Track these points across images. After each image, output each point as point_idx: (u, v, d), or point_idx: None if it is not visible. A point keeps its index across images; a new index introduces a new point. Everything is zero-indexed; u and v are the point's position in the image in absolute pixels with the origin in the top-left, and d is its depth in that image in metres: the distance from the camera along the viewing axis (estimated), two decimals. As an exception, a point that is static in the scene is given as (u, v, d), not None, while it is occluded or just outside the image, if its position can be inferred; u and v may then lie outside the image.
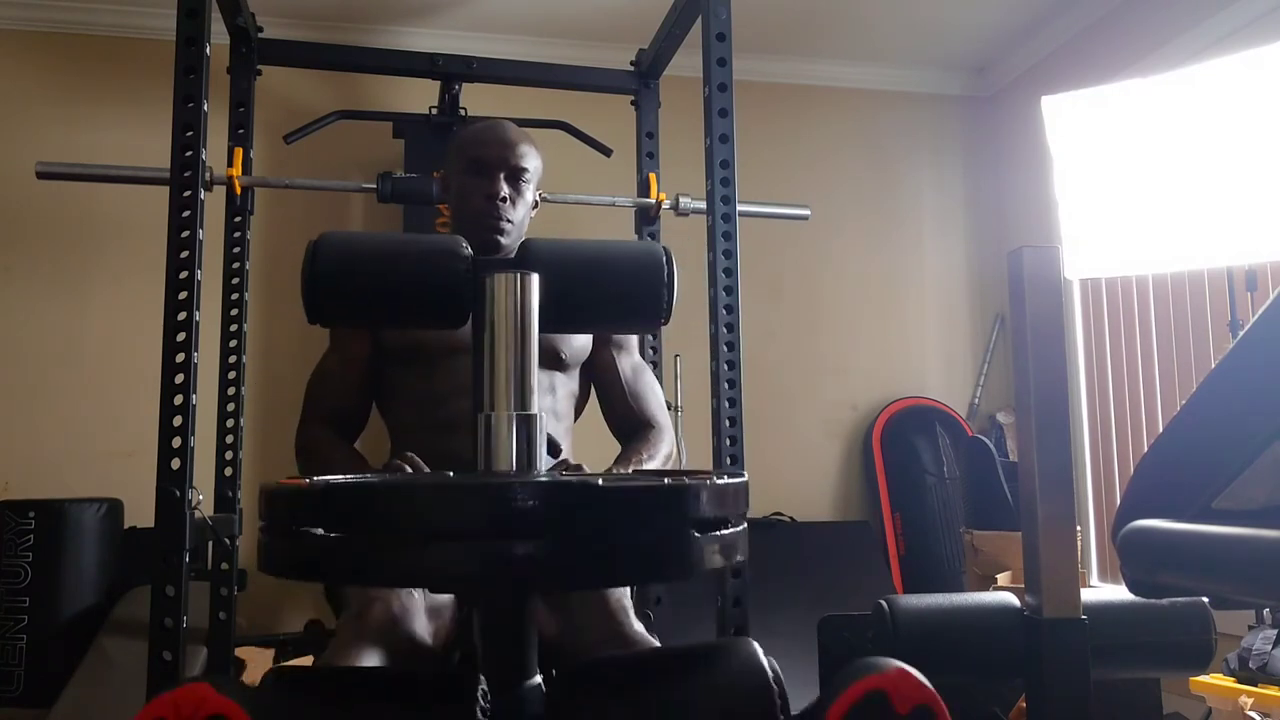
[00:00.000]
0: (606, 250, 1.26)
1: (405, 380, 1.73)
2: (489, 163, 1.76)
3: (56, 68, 3.52)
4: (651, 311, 1.23)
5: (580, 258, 1.21)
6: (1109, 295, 3.50)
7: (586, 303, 1.21)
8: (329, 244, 1.18)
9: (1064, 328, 1.10)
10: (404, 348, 1.71)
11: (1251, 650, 2.30)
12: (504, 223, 1.76)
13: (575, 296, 1.18)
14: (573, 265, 1.20)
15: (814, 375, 3.94)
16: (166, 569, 1.84)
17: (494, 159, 1.76)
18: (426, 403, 1.70)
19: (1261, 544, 0.84)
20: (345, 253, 1.18)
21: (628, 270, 1.23)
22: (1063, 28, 3.68)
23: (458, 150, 1.82)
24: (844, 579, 3.45)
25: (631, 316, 1.30)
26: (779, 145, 3.97)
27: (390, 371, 1.76)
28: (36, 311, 3.42)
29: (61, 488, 3.15)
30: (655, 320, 1.23)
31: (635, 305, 1.23)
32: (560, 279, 1.14)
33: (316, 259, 1.15)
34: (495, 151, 1.77)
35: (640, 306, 1.23)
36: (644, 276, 1.22)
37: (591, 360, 1.86)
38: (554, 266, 1.15)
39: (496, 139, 1.78)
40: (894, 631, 1.12)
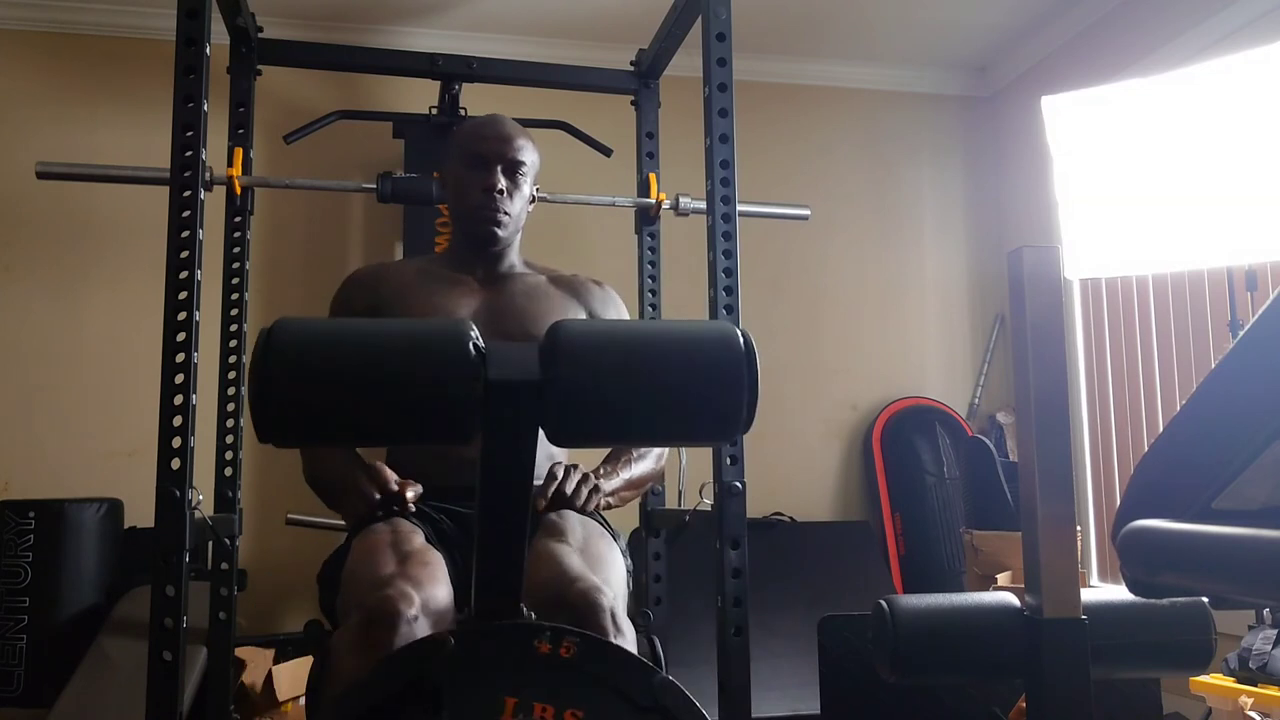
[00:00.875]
0: (659, 341, 0.92)
1: None
2: (486, 156, 1.77)
3: (56, 68, 3.52)
4: (723, 427, 0.93)
5: (622, 358, 0.88)
6: (1109, 295, 3.50)
7: (630, 421, 0.90)
8: (288, 335, 0.87)
9: (1064, 328, 1.10)
10: None
11: (1251, 650, 2.30)
12: (501, 215, 1.78)
13: (614, 414, 0.88)
14: (614, 373, 0.87)
15: (814, 375, 3.94)
16: (166, 569, 1.84)
17: (491, 152, 1.77)
18: None
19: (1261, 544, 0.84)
20: (312, 351, 0.86)
21: (691, 374, 0.90)
22: (1063, 28, 3.68)
23: (456, 144, 1.82)
24: (844, 579, 3.46)
25: (693, 433, 0.99)
26: (779, 145, 3.97)
27: None
28: (36, 311, 3.42)
29: (61, 488, 3.15)
30: (729, 436, 0.95)
31: (698, 420, 0.92)
32: (595, 391, 0.86)
33: (270, 356, 0.84)
34: (493, 145, 1.78)
35: (706, 422, 0.92)
36: (714, 380, 0.90)
37: None
38: (587, 374, 0.85)
39: (494, 133, 1.79)
40: (894, 631, 1.12)
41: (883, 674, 1.15)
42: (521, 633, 0.97)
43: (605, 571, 1.50)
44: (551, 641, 0.95)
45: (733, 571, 2.02)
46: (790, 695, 2.80)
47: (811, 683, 2.07)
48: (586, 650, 0.89)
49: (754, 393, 0.91)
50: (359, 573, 1.44)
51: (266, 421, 0.85)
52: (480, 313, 1.74)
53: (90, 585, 2.98)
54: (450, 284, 1.78)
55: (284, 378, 0.85)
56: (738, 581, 2.02)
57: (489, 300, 1.78)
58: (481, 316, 1.73)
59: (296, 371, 0.85)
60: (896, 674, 1.13)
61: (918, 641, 1.12)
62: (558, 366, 0.84)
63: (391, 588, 1.32)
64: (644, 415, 0.89)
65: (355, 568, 1.47)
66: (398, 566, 1.41)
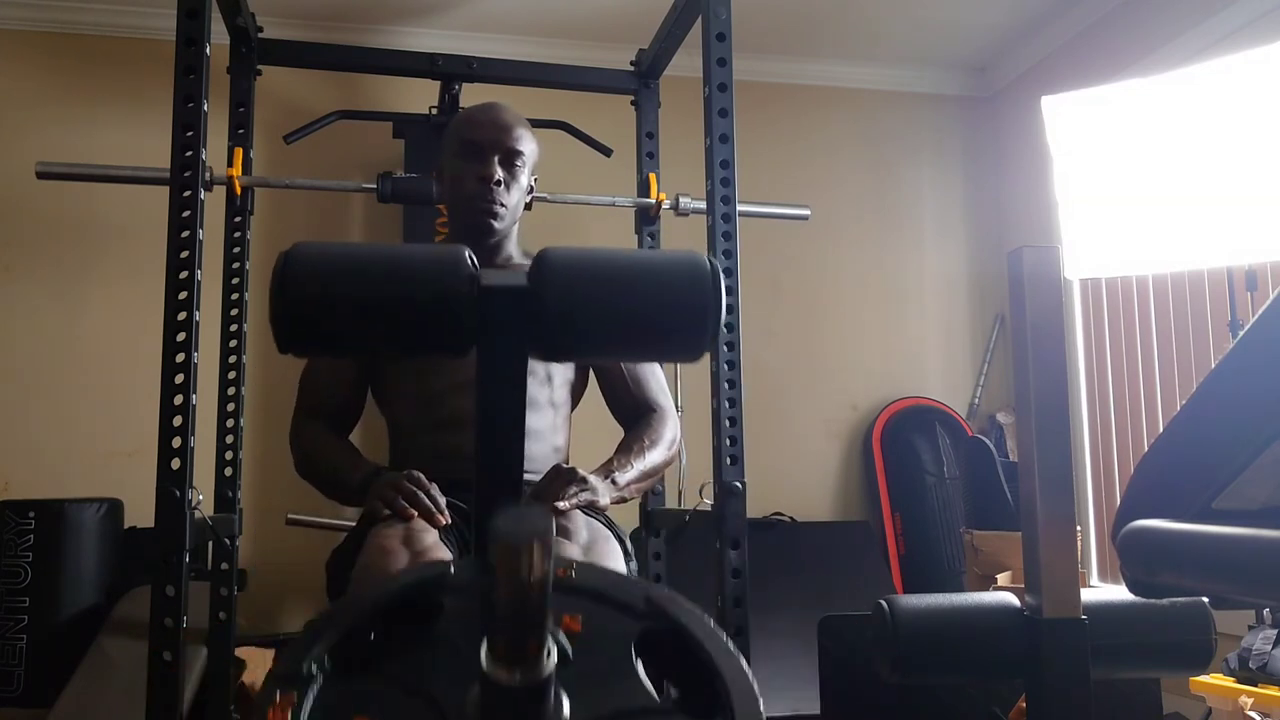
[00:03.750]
0: (636, 263, 1.06)
1: (401, 378, 1.72)
2: (483, 145, 1.73)
3: (56, 68, 3.52)
4: (690, 340, 1.03)
5: (603, 273, 1.02)
6: (1109, 295, 3.50)
7: (609, 330, 1.02)
8: (303, 258, 0.99)
9: (1064, 328, 1.10)
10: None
11: (1251, 650, 2.30)
12: (497, 206, 1.74)
13: (595, 323, 1.01)
14: (594, 283, 1.01)
15: (814, 375, 3.94)
16: (166, 569, 1.84)
17: (488, 141, 1.73)
18: (424, 401, 1.68)
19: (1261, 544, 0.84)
20: (324, 268, 0.99)
21: (662, 290, 1.02)
22: (1063, 28, 3.68)
23: (452, 132, 1.79)
24: (844, 579, 3.46)
25: (664, 346, 1.11)
26: (779, 145, 3.97)
27: (385, 368, 1.74)
28: (36, 311, 3.42)
29: (61, 488, 3.15)
30: (695, 351, 1.05)
31: (669, 333, 1.03)
32: (578, 300, 0.98)
33: (287, 276, 0.96)
34: (489, 134, 1.74)
35: (676, 335, 1.03)
36: (682, 297, 1.02)
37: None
38: (570, 284, 0.98)
39: (490, 121, 1.75)
40: (894, 631, 1.12)
41: (883, 674, 1.15)
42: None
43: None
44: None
45: (733, 571, 2.02)
46: (790, 695, 2.79)
47: (811, 683, 2.07)
48: (584, 572, 0.95)
49: (718, 312, 1.01)
50: (372, 569, 1.44)
51: (285, 334, 0.96)
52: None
53: (90, 585, 2.98)
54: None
55: (300, 293, 0.95)
56: (738, 581, 2.02)
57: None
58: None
59: (311, 288, 0.95)
60: (896, 674, 1.13)
61: (918, 641, 1.12)
62: (543, 278, 0.94)
63: None
64: (621, 326, 1.01)
65: (368, 563, 1.46)
66: (410, 565, 1.41)
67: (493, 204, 1.73)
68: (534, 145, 1.82)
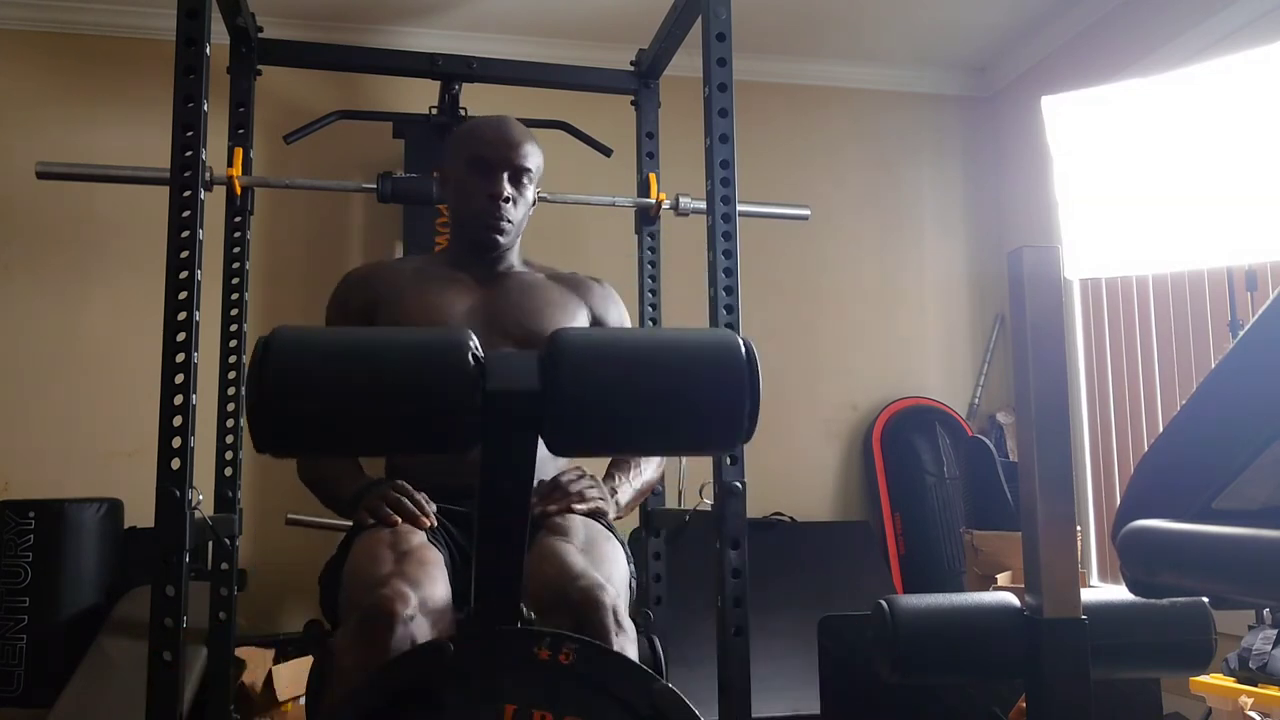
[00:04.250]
0: (660, 351, 0.91)
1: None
2: (492, 162, 1.74)
3: (56, 68, 3.52)
4: (725, 435, 0.92)
5: (623, 368, 0.87)
6: (1109, 295, 3.50)
7: (630, 430, 0.89)
8: (286, 348, 0.85)
9: (1064, 328, 1.10)
10: None
11: (1251, 650, 2.30)
12: (504, 223, 1.75)
13: (615, 422, 0.87)
14: (614, 381, 0.86)
15: (814, 375, 3.94)
16: (166, 569, 1.84)
17: (497, 159, 1.74)
18: None
19: (1261, 544, 0.84)
20: (310, 363, 0.85)
21: (690, 381, 0.90)
22: (1063, 28, 3.68)
23: (460, 145, 1.78)
24: (844, 579, 3.46)
25: (695, 442, 0.99)
26: (779, 145, 3.97)
27: None
28: (36, 311, 3.42)
29: (61, 488, 3.15)
30: (730, 445, 0.95)
31: (700, 429, 0.91)
32: (595, 401, 0.85)
33: (268, 370, 0.83)
34: (499, 151, 1.74)
35: (708, 430, 0.91)
36: (714, 388, 0.90)
37: None
38: (586, 382, 0.85)
39: (501, 138, 1.75)
40: (894, 631, 1.12)
41: (883, 674, 1.15)
42: (521, 639, 0.96)
43: (608, 569, 1.50)
44: (551, 648, 0.95)
45: (733, 571, 2.02)
46: (790, 695, 2.80)
47: (811, 683, 2.07)
48: (586, 656, 0.89)
49: (755, 401, 0.90)
50: (357, 573, 1.44)
51: (264, 432, 0.85)
52: (478, 311, 1.73)
53: (90, 585, 2.98)
54: (447, 282, 1.76)
55: (282, 388, 0.84)
56: (738, 581, 2.02)
57: (486, 298, 1.76)
58: (479, 315, 1.71)
59: (295, 381, 0.84)
60: (896, 674, 1.13)
61: (918, 641, 1.12)
62: (558, 377, 0.83)
63: (388, 587, 1.32)
64: (645, 426, 0.89)
65: (354, 567, 1.47)
66: (395, 566, 1.41)
67: (500, 220, 1.74)
68: (540, 159, 1.82)
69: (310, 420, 0.85)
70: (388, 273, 1.81)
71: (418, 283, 1.76)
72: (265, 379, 0.83)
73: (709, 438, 0.92)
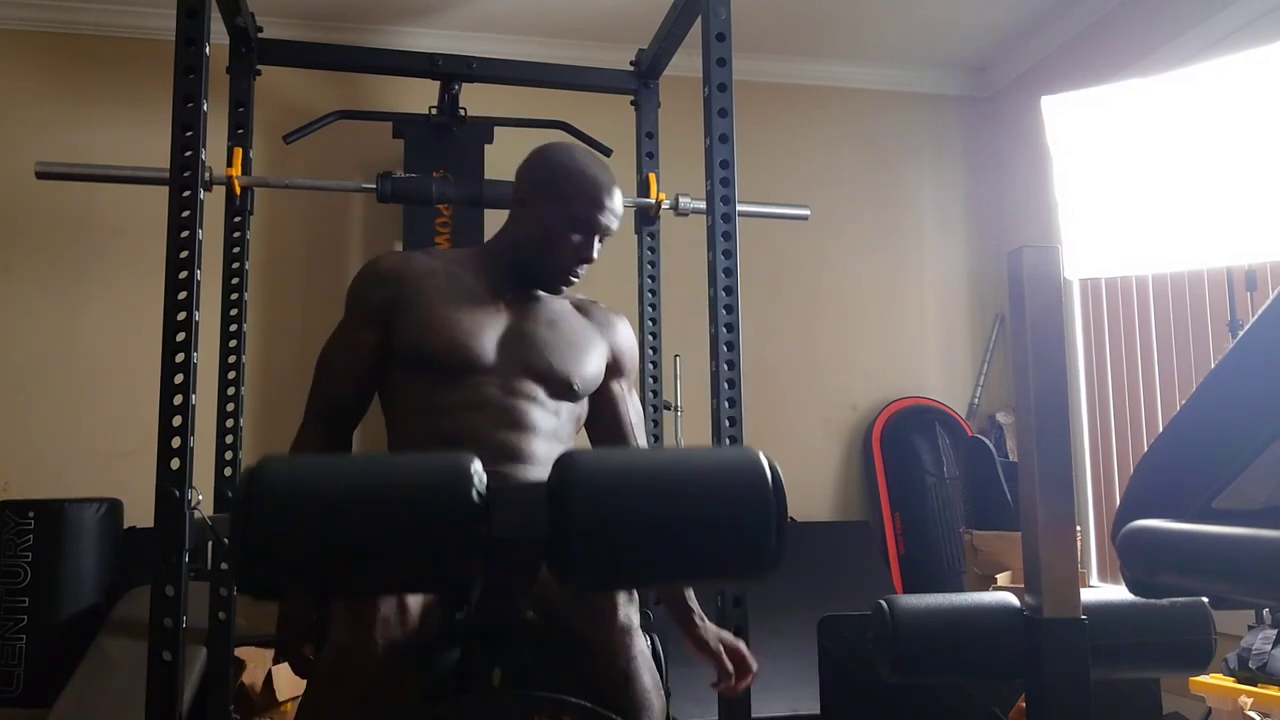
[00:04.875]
0: (680, 478, 0.85)
1: (409, 386, 1.67)
2: (596, 228, 1.69)
3: (56, 68, 3.52)
4: (748, 564, 0.85)
5: (638, 496, 0.81)
6: (1109, 295, 3.50)
7: (644, 563, 0.83)
8: (276, 482, 0.79)
9: (1064, 328, 1.10)
10: (414, 357, 1.64)
11: (1251, 650, 2.30)
12: (576, 279, 1.74)
13: (629, 561, 0.82)
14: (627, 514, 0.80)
15: (814, 375, 3.94)
16: (166, 569, 1.84)
17: (602, 226, 1.69)
18: (429, 413, 1.64)
19: (1261, 544, 0.84)
20: (302, 500, 0.79)
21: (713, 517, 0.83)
22: (1063, 28, 3.68)
23: (564, 189, 1.68)
24: (844, 579, 3.45)
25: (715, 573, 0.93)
26: (779, 145, 3.97)
27: (396, 372, 1.70)
28: (36, 311, 3.42)
29: (61, 488, 3.15)
30: (754, 575, 0.89)
31: (721, 558, 0.85)
32: (606, 533, 0.80)
33: (255, 506, 0.77)
34: (607, 220, 1.69)
35: (730, 560, 0.85)
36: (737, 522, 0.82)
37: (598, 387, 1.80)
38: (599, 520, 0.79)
39: (612, 207, 1.69)
40: (894, 631, 1.12)
41: (883, 674, 1.14)
42: (520, 705, 0.94)
43: None
44: (552, 715, 0.93)
45: (733, 572, 2.02)
46: (790, 695, 2.79)
47: (811, 683, 2.07)
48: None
49: (782, 528, 0.84)
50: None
51: (250, 575, 0.79)
52: (506, 341, 1.67)
53: (90, 585, 2.98)
54: (480, 301, 1.69)
55: (270, 530, 0.78)
56: (738, 582, 2.02)
57: (516, 326, 1.70)
58: (507, 346, 1.66)
59: (283, 524, 0.78)
60: (896, 674, 1.13)
61: (918, 641, 1.12)
62: (568, 523, 0.79)
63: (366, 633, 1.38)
64: (662, 564, 0.85)
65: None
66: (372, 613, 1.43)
67: (576, 278, 1.73)
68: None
69: (300, 565, 0.79)
70: (415, 271, 1.72)
71: (448, 292, 1.69)
72: (251, 519, 0.78)
73: (732, 570, 0.88)
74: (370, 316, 1.68)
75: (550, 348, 1.68)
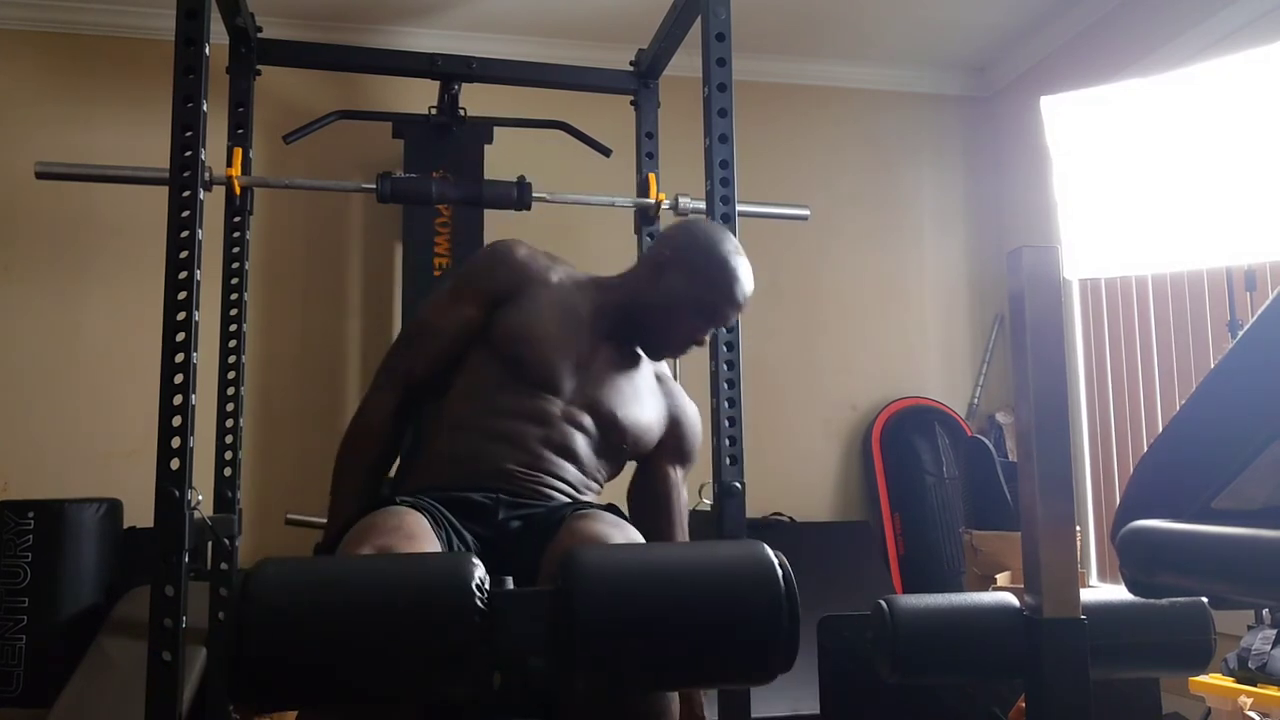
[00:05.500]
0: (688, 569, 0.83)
1: (479, 371, 1.67)
2: (718, 320, 1.74)
3: (56, 68, 3.52)
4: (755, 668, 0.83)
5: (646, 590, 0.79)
6: (1109, 295, 3.50)
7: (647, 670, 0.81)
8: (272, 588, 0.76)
9: (1064, 328, 1.10)
10: (502, 349, 1.65)
11: (1251, 650, 2.30)
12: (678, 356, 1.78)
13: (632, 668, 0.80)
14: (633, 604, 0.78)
15: (814, 375, 3.94)
16: (166, 569, 1.84)
17: (725, 319, 1.75)
18: (487, 407, 1.65)
19: (1261, 544, 0.84)
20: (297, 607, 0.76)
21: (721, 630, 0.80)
22: (1063, 28, 3.68)
23: (704, 271, 1.70)
24: (844, 579, 3.45)
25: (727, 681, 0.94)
26: (779, 145, 3.97)
27: (474, 353, 1.69)
28: (36, 311, 3.42)
29: (61, 488, 3.15)
30: (766, 678, 0.86)
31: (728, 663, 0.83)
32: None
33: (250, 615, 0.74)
34: (732, 314, 1.76)
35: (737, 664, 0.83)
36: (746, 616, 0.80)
37: (648, 458, 1.81)
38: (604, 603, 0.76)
39: (741, 304, 1.75)
40: (893, 631, 1.12)
41: (883, 674, 1.14)
42: None
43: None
44: None
45: (732, 572, 2.02)
46: (790, 695, 2.79)
47: (811, 683, 2.07)
48: None
49: (794, 630, 0.83)
50: (351, 542, 1.44)
51: (245, 686, 0.76)
52: (586, 370, 1.70)
53: (90, 585, 2.98)
54: (579, 328, 1.71)
55: (263, 637, 0.75)
56: (737, 582, 2.02)
57: (600, 363, 1.72)
58: (584, 376, 1.69)
59: (278, 631, 0.75)
60: (896, 674, 1.13)
61: (918, 641, 1.12)
62: (572, 625, 0.77)
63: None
64: (668, 670, 0.82)
65: (349, 540, 1.46)
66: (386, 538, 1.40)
67: (681, 354, 1.79)
68: None
69: (295, 679, 0.76)
70: (540, 271, 1.73)
71: (559, 306, 1.71)
72: (247, 628, 0.75)
73: (742, 674, 0.86)
74: (483, 295, 1.69)
75: (620, 398, 1.71)
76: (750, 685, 0.85)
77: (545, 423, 1.63)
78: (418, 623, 0.76)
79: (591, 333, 1.72)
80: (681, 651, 0.80)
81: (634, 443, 1.73)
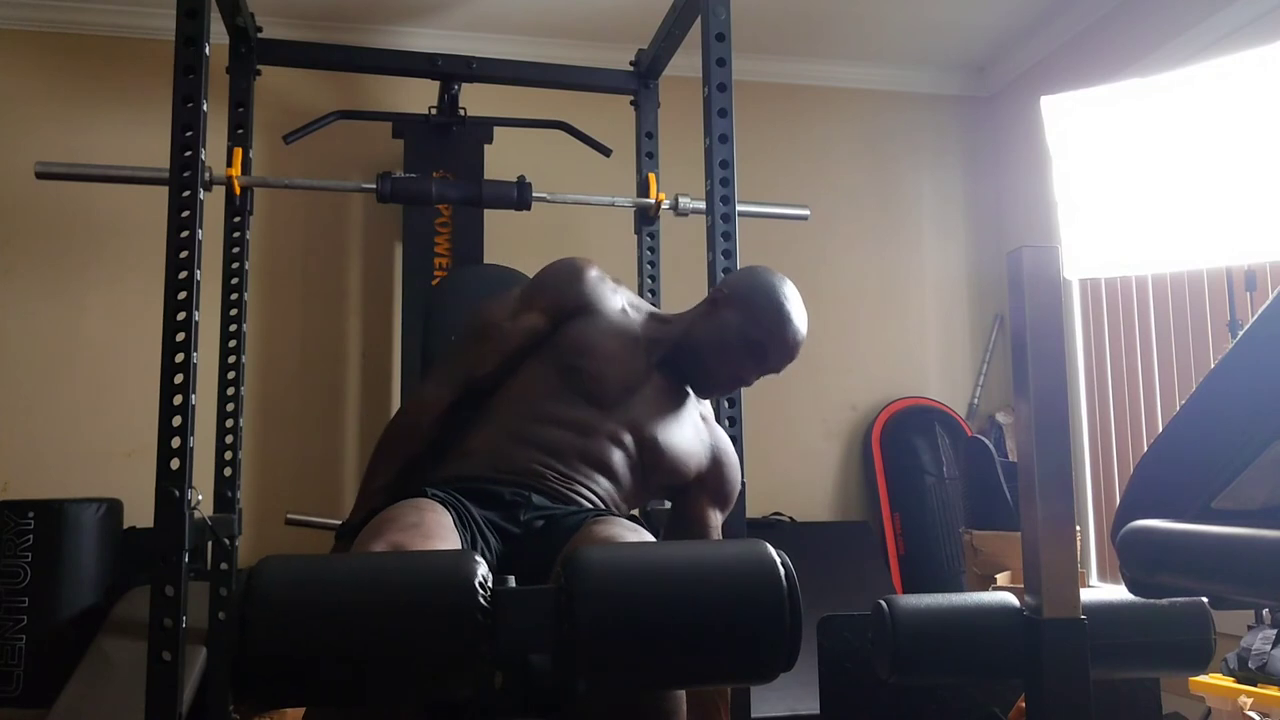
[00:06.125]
0: (690, 568, 0.83)
1: (534, 374, 1.71)
2: (766, 365, 1.78)
3: (56, 68, 3.52)
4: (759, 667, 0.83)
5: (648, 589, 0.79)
6: (1109, 295, 3.50)
7: (650, 671, 0.82)
8: (275, 585, 0.76)
9: (1063, 328, 1.10)
10: (562, 358, 1.69)
11: (1251, 650, 2.30)
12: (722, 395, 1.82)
13: (635, 669, 0.80)
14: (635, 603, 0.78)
15: (814, 375, 3.94)
16: (166, 569, 1.84)
17: (772, 366, 1.78)
18: (534, 413, 1.68)
19: (1261, 544, 0.84)
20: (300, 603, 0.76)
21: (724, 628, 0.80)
22: (1063, 28, 3.68)
23: (760, 313, 1.75)
24: (844, 579, 3.45)
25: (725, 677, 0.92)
26: (779, 145, 3.97)
27: (532, 359, 1.73)
28: (36, 311, 3.42)
29: (61, 488, 3.15)
30: (768, 677, 0.86)
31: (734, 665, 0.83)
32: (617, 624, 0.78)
33: (254, 612, 0.75)
34: (781, 364, 1.79)
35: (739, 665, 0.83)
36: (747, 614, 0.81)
37: (686, 499, 1.83)
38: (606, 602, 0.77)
39: (790, 354, 1.79)
40: (893, 631, 1.12)
41: (883, 674, 1.15)
42: None
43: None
44: None
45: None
46: (790, 695, 2.79)
47: (811, 683, 2.06)
48: None
49: (796, 630, 0.83)
50: (367, 535, 1.44)
51: (247, 684, 0.76)
52: (635, 393, 1.73)
53: (90, 585, 2.98)
54: (636, 353, 1.75)
55: (266, 634, 0.75)
56: (737, 582, 2.02)
57: (648, 389, 1.75)
58: (633, 398, 1.72)
59: (280, 628, 0.75)
60: (896, 674, 1.13)
61: (918, 641, 1.12)
62: (575, 624, 0.77)
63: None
64: (668, 672, 0.82)
65: (366, 533, 1.46)
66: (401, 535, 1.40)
67: (725, 394, 1.86)
68: None
69: (297, 676, 0.76)
70: (608, 292, 1.80)
71: (620, 327, 1.76)
72: (250, 625, 0.75)
73: (744, 673, 0.86)
74: (551, 306, 1.74)
75: (663, 423, 1.74)
76: (752, 684, 0.86)
77: (586, 434, 1.66)
78: (420, 621, 0.76)
79: (647, 360, 1.77)
80: (683, 650, 0.81)
81: (670, 468, 1.74)
